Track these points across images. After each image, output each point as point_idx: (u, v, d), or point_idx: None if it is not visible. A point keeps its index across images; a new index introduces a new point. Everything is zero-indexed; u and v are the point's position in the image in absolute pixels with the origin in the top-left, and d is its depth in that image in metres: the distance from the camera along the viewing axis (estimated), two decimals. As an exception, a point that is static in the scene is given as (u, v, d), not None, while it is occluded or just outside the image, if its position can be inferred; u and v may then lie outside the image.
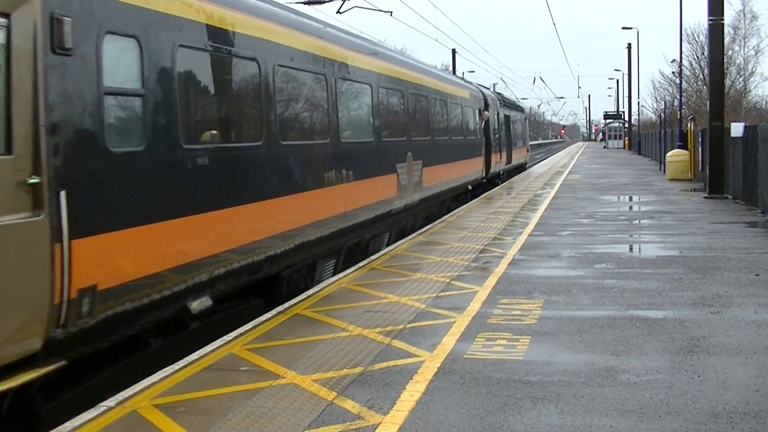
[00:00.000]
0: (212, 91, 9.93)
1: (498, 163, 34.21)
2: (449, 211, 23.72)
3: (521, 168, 46.64)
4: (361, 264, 13.78)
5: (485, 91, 34.62)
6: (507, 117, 38.58)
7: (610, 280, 11.89)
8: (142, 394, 7.08)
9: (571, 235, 16.99)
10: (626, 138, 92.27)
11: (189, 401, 6.88)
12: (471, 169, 27.72)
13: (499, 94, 41.91)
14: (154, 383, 7.39)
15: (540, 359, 7.88)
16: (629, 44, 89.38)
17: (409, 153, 18.30)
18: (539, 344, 8.42)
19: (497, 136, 34.16)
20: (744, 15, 67.35)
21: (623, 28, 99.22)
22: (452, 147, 24.26)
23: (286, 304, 10.63)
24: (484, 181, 31.26)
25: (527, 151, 51.54)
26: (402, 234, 19.00)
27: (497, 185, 33.94)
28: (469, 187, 28.28)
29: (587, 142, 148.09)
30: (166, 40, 8.53)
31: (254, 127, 10.71)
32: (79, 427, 6.33)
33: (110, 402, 6.93)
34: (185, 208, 8.78)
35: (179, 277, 8.65)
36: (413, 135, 19.13)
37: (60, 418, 6.82)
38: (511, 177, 39.93)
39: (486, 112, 31.06)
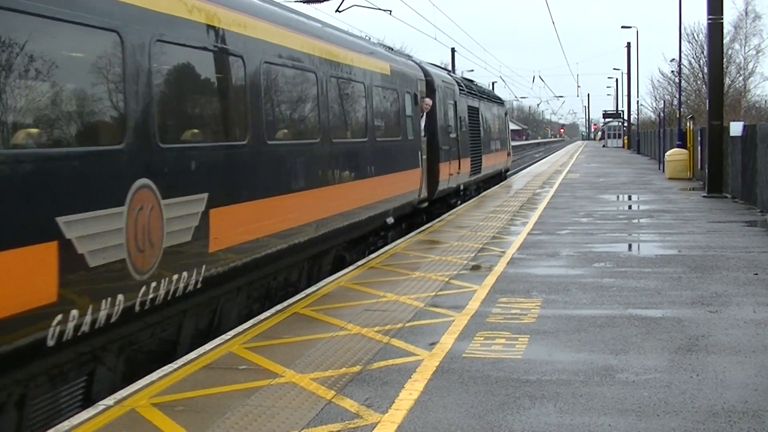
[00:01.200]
0: None
1: (455, 176, 23.89)
2: (337, 269, 14.10)
3: (499, 177, 36.13)
4: (360, 262, 13.76)
5: (430, 69, 23.03)
6: (474, 110, 28.67)
7: (608, 279, 11.89)
8: (140, 393, 7.07)
9: (570, 234, 16.99)
10: (625, 137, 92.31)
11: (187, 400, 6.87)
12: (392, 191, 17.18)
13: (466, 79, 32.04)
14: (153, 382, 7.38)
15: (539, 358, 7.87)
16: (628, 43, 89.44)
17: (144, 183, 7.96)
18: (538, 343, 8.41)
19: (453, 136, 23.95)
20: (747, 14, 67.35)
21: (622, 27, 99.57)
22: (333, 158, 13.56)
23: (285, 303, 10.62)
24: (426, 205, 21.11)
25: (508, 154, 39.57)
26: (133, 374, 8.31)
27: (455, 206, 24.71)
28: (390, 220, 17.47)
29: (586, 141, 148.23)
30: None
31: None
32: (78, 426, 6.32)
33: (108, 401, 6.92)
34: None
35: None
36: (178, 138, 8.91)
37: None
38: (483, 192, 29.93)
39: (427, 100, 20.97)
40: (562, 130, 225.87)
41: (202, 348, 8.51)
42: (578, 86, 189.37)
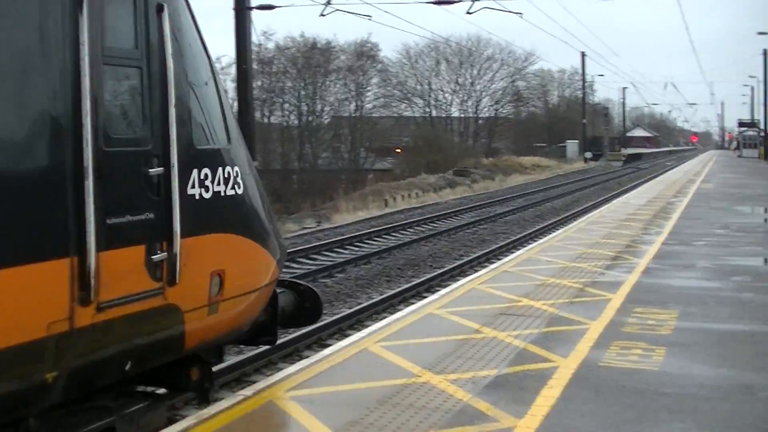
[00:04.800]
0: None
1: None
2: None
3: None
4: (492, 266, 13.75)
5: None
6: None
7: (748, 293, 11.57)
8: (278, 386, 7.24)
9: (706, 246, 16.57)
10: (762, 147, 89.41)
11: (324, 394, 7.00)
12: None
13: None
14: (290, 375, 7.55)
15: (676, 371, 7.73)
16: (765, 50, 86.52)
17: None
18: (675, 355, 8.26)
19: None
20: None
21: (759, 33, 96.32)
22: None
23: (419, 304, 10.72)
24: None
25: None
26: None
27: None
28: None
29: (719, 151, 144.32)
30: None
31: None
32: (216, 415, 6.51)
33: (247, 391, 7.12)
34: None
35: None
36: None
37: None
38: None
39: None
40: (694, 139, 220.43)
41: (338, 344, 8.66)
42: (712, 94, 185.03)
